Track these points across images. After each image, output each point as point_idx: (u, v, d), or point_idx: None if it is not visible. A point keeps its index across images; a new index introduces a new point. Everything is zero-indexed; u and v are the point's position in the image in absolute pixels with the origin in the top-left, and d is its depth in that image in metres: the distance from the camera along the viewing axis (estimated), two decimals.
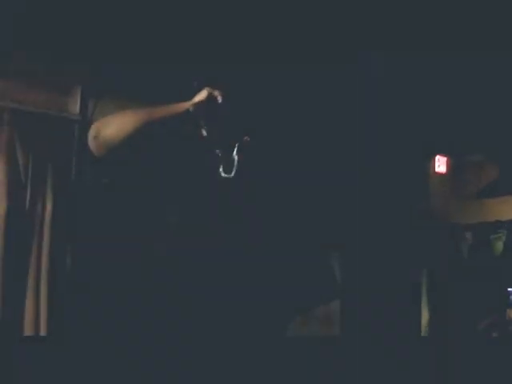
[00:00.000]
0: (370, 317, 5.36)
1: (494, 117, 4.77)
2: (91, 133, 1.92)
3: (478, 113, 4.73)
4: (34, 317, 3.90)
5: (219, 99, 2.07)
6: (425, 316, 5.80)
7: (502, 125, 4.85)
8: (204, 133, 2.15)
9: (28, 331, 3.86)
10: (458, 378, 3.76)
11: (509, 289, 5.53)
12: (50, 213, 4.05)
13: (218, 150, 2.13)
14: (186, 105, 2.07)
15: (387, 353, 4.21)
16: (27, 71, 4.02)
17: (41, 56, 3.94)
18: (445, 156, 6.06)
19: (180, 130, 2.13)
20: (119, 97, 4.29)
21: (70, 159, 4.21)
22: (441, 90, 4.43)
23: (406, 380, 3.60)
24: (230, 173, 2.11)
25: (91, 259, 3.67)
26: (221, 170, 2.11)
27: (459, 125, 4.99)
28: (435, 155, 6.00)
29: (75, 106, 4.26)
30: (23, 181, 4.00)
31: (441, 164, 6.08)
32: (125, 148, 1.95)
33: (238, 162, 2.13)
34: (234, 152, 2.14)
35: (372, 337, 5.05)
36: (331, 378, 3.52)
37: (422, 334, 5.69)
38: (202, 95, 2.07)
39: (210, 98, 2.07)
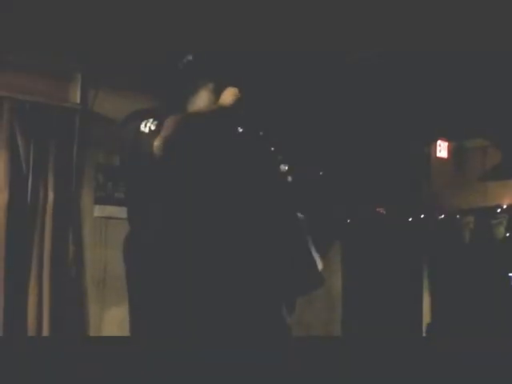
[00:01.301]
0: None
1: (496, 102, 4.74)
2: (161, 140, 1.99)
3: (481, 98, 4.71)
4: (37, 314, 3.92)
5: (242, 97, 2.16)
6: (426, 303, 5.82)
7: (504, 110, 4.82)
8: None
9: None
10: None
11: (510, 274, 5.53)
12: (51, 203, 4.04)
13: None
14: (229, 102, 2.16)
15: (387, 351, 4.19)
16: (27, 61, 3.99)
17: (41, 48, 3.90)
18: (446, 141, 6.03)
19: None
20: (119, 85, 4.27)
21: (71, 148, 4.20)
22: (444, 77, 4.40)
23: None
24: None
25: None
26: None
27: (462, 109, 4.96)
28: (437, 140, 5.98)
29: (76, 95, 4.24)
30: (24, 171, 3.98)
31: (442, 149, 6.05)
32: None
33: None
34: None
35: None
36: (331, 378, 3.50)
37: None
38: (231, 91, 2.17)
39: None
